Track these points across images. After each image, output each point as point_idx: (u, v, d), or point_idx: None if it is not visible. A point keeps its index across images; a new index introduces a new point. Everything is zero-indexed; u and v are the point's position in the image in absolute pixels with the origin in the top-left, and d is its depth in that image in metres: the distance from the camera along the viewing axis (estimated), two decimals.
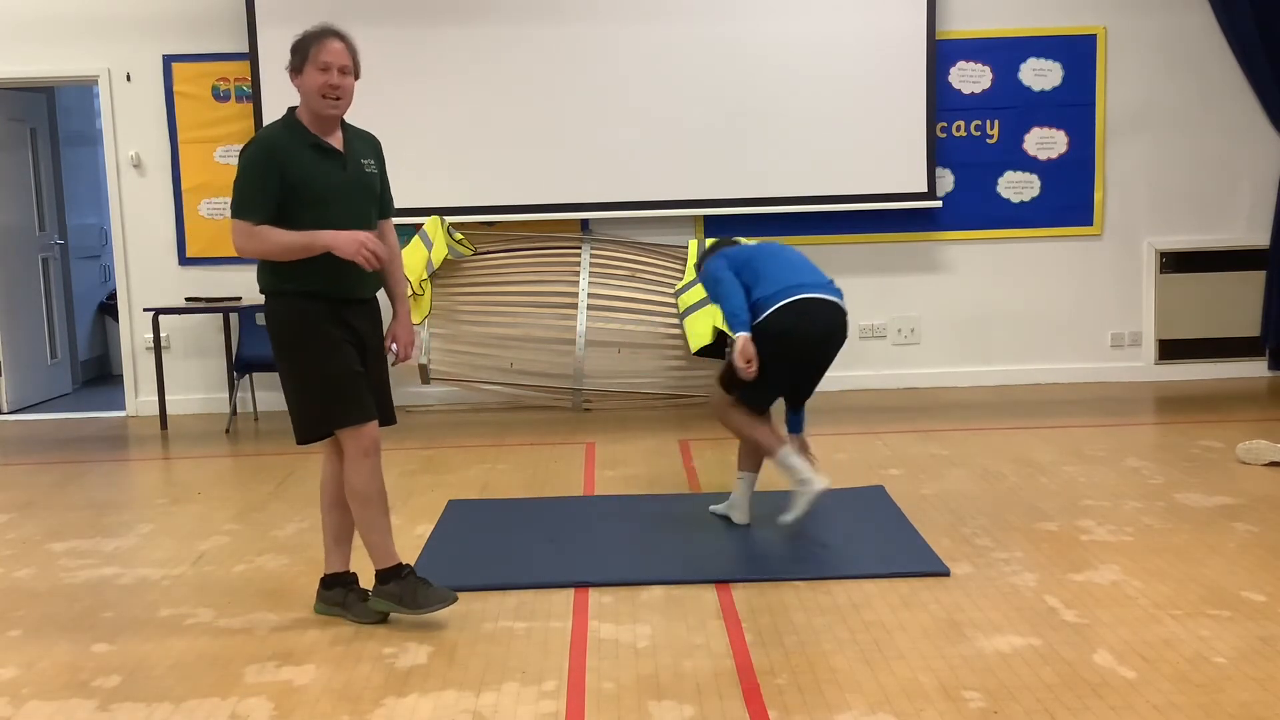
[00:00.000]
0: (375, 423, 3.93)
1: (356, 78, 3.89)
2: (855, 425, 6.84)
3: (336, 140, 3.90)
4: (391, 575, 3.95)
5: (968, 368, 8.12)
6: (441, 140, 7.78)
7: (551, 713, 3.33)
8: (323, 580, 4.16)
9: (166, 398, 7.68)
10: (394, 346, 4.07)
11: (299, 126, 3.87)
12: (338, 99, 3.83)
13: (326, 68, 3.80)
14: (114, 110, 7.93)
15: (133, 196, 8.01)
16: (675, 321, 7.51)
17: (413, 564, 4.26)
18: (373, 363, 4.00)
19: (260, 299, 3.99)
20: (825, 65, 7.69)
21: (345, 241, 3.75)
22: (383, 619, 4.03)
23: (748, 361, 4.60)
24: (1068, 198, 8.02)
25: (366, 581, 4.18)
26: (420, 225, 7.59)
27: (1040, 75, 7.94)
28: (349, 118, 3.98)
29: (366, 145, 4.01)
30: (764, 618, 3.98)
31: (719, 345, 7.39)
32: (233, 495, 5.81)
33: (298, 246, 3.77)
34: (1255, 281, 7.99)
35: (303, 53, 3.83)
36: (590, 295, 7.62)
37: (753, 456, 4.92)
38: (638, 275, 7.70)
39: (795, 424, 5.01)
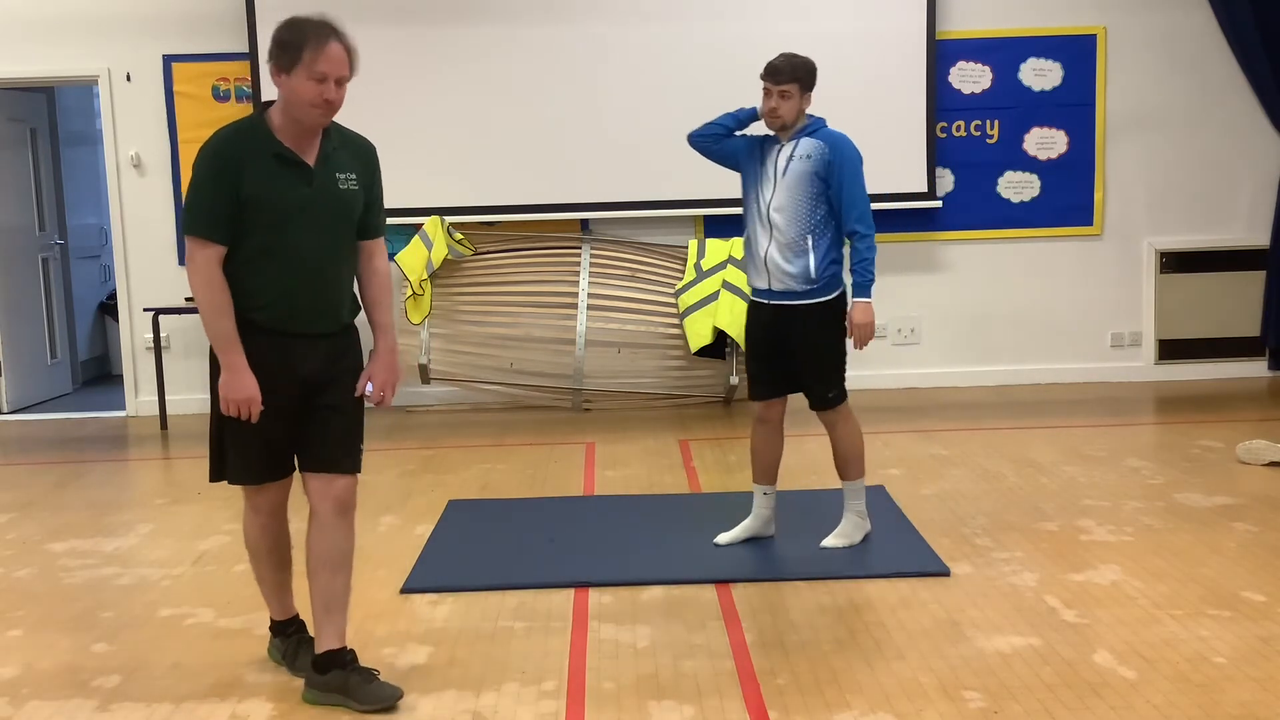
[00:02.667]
0: (274, 486, 3.49)
1: (351, 78, 3.35)
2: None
3: (311, 148, 3.34)
4: (279, 629, 3.69)
5: (968, 368, 8.12)
6: (441, 140, 7.78)
7: (551, 713, 3.33)
8: (314, 662, 3.46)
9: (166, 398, 7.67)
10: (369, 387, 3.47)
11: (263, 130, 3.30)
12: (331, 112, 3.30)
13: (323, 79, 3.23)
14: (114, 110, 7.93)
15: (133, 196, 8.00)
16: (675, 321, 7.51)
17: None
18: (326, 405, 3.41)
19: None
20: (825, 65, 7.60)
21: (234, 390, 3.27)
22: (392, 707, 3.38)
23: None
24: (1068, 198, 8.01)
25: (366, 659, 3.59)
26: (420, 225, 7.59)
27: (1040, 75, 7.94)
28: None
29: (353, 156, 3.43)
30: (764, 618, 3.98)
31: (719, 345, 7.39)
32: (233, 495, 5.73)
33: (216, 334, 3.29)
34: (1255, 281, 7.98)
35: (295, 52, 3.23)
36: (590, 295, 7.61)
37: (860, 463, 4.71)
38: (638, 275, 7.70)
39: None
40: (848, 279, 4.52)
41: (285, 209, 3.29)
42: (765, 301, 4.54)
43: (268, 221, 3.28)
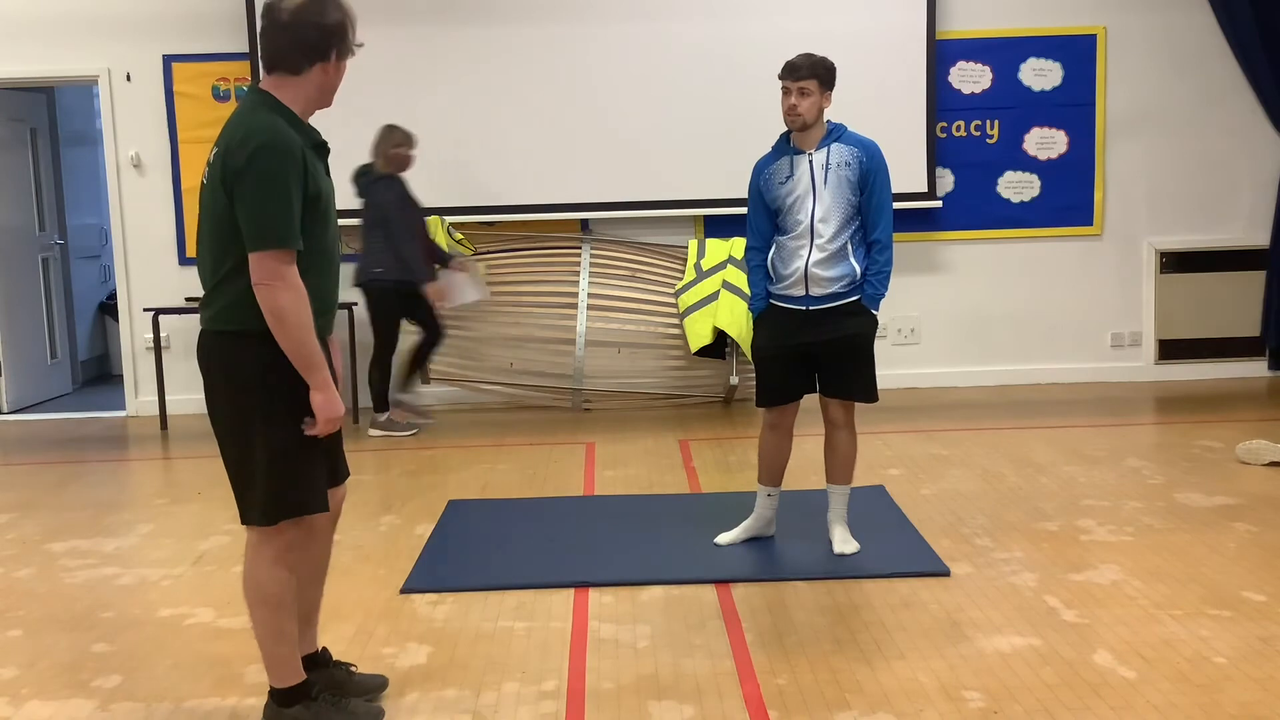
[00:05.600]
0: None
1: None
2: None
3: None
4: (300, 695, 3.19)
5: (968, 368, 8.12)
6: (441, 140, 7.77)
7: (551, 713, 3.33)
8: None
9: (166, 398, 7.67)
10: None
11: (297, 120, 3.03)
12: None
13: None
14: (114, 110, 7.93)
15: (133, 196, 8.00)
16: (675, 321, 7.51)
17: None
18: None
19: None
20: None
21: (334, 408, 3.00)
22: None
23: None
24: (1068, 198, 8.02)
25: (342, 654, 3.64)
26: None
27: (1040, 75, 7.94)
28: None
29: None
30: (764, 618, 3.98)
31: (719, 345, 7.39)
32: (232, 495, 5.79)
33: (309, 354, 2.95)
34: (1255, 281, 7.98)
35: (344, 39, 3.03)
36: (590, 295, 7.62)
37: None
38: (638, 275, 7.70)
39: None
40: None
41: (330, 205, 3.08)
42: (800, 308, 4.45)
43: (320, 221, 3.02)
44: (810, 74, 4.38)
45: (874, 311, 4.47)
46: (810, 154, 4.43)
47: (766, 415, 4.64)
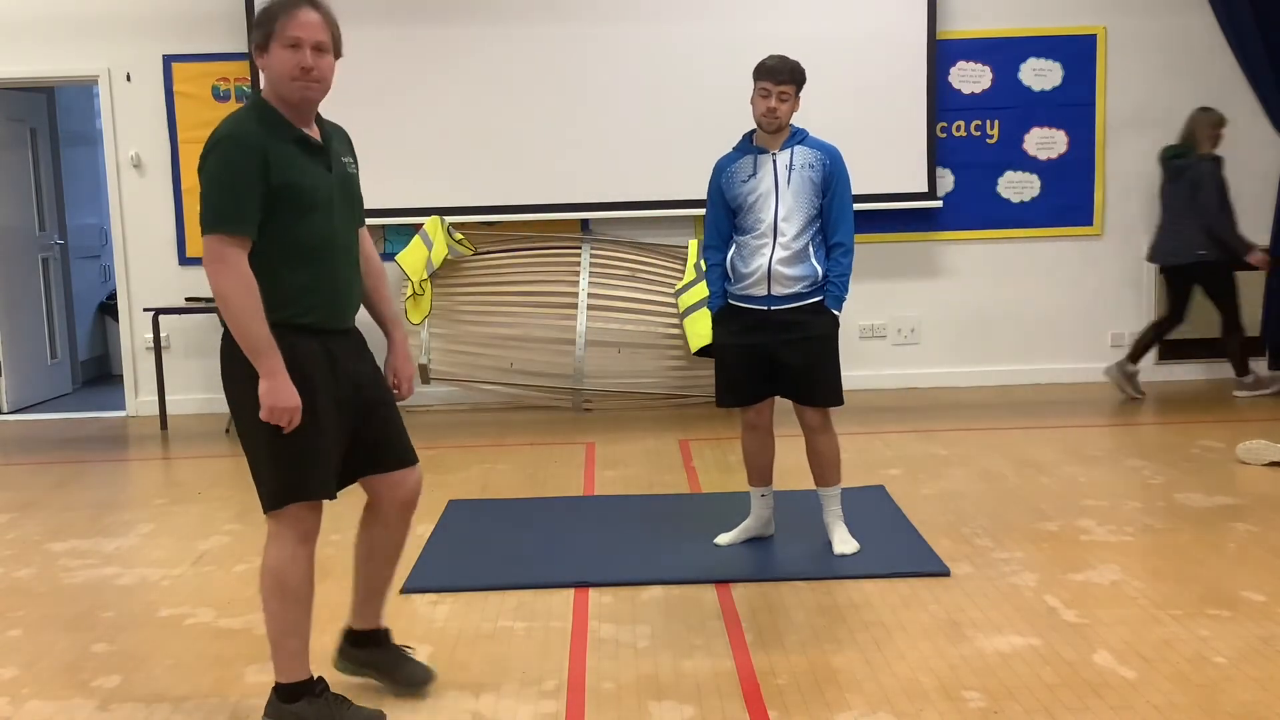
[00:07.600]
0: (320, 506, 3.22)
1: (338, 56, 3.16)
2: (855, 425, 6.83)
3: (314, 133, 3.19)
4: (304, 691, 3.23)
5: (968, 368, 8.12)
6: (442, 140, 7.78)
7: (551, 713, 3.33)
8: (350, 636, 3.53)
9: (166, 398, 7.67)
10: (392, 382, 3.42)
11: (275, 116, 3.11)
12: (314, 82, 3.09)
13: (297, 44, 3.05)
14: (114, 110, 7.93)
15: (133, 196, 8.01)
16: (675, 321, 7.51)
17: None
18: (376, 401, 3.30)
19: None
20: (826, 66, 7.66)
21: (282, 397, 3.00)
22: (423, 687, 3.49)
23: None
24: (1068, 198, 8.02)
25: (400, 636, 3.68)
26: (420, 225, 7.59)
27: (1040, 75, 7.94)
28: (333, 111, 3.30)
29: (343, 141, 3.31)
30: (764, 618, 3.98)
31: None
32: (233, 495, 5.81)
33: (256, 339, 3.00)
34: (1255, 281, 7.97)
35: (267, 27, 3.07)
36: (590, 295, 7.62)
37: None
38: (638, 275, 7.70)
39: None
40: None
41: (317, 197, 3.11)
42: (761, 307, 4.46)
43: (303, 212, 3.08)
44: (790, 79, 4.46)
45: (835, 312, 4.48)
46: (774, 154, 4.48)
47: (743, 416, 4.66)
